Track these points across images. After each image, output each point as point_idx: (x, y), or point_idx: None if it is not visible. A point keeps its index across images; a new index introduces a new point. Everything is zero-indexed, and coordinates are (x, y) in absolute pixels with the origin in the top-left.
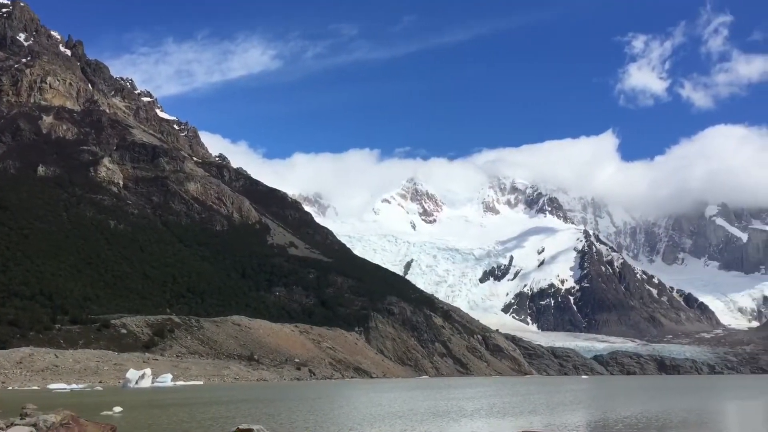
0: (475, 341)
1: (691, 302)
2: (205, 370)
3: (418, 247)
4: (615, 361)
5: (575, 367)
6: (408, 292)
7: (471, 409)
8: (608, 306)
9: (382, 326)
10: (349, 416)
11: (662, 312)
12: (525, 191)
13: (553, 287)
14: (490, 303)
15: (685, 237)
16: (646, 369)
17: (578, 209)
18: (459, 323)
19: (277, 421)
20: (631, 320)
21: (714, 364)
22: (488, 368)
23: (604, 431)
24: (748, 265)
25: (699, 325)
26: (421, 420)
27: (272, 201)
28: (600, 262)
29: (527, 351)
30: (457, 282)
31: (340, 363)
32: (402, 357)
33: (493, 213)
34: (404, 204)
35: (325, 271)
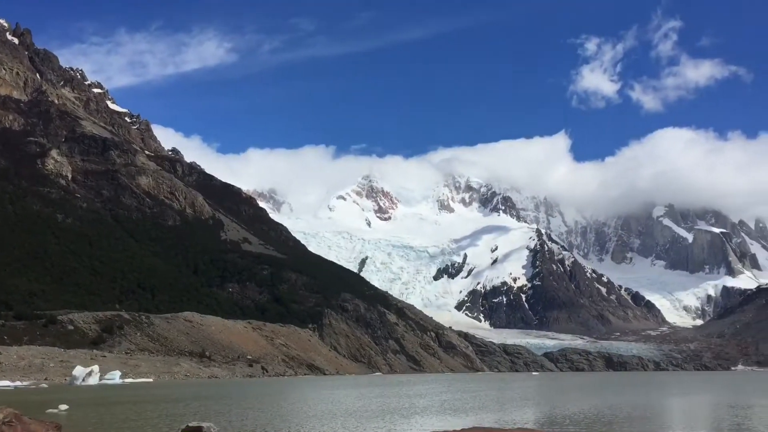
0: (428, 338)
1: (639, 301)
2: (155, 367)
3: (373, 245)
4: (565, 358)
5: (526, 364)
6: (362, 289)
7: (422, 406)
8: (559, 304)
9: (335, 323)
10: (301, 414)
11: (611, 310)
12: (479, 190)
13: (505, 285)
14: (444, 300)
15: (633, 237)
16: (595, 366)
17: (531, 208)
18: (413, 320)
19: (227, 419)
20: (581, 318)
21: (659, 361)
22: (441, 365)
23: (553, 427)
24: (693, 264)
25: (646, 323)
26: (372, 417)
27: (226, 196)
28: (551, 261)
29: (479, 348)
30: (411, 279)
31: (294, 360)
32: (355, 354)
33: (448, 211)
34: (359, 201)
35: (279, 267)
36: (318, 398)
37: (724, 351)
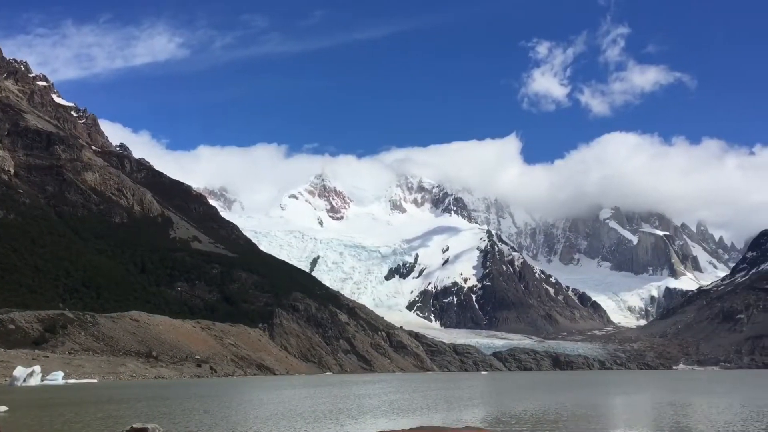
0: (379, 338)
1: (585, 301)
2: (100, 367)
3: (324, 244)
4: (513, 357)
5: (475, 364)
6: (314, 288)
7: (371, 406)
8: (508, 304)
9: (286, 323)
10: (248, 415)
11: (558, 310)
12: (431, 191)
13: (456, 285)
14: (395, 300)
15: (580, 238)
16: (542, 365)
17: (482, 209)
18: (364, 320)
19: (172, 420)
20: (529, 318)
21: (604, 360)
22: (391, 365)
23: (500, 426)
24: (638, 266)
25: (592, 323)
26: (320, 418)
27: (176, 194)
28: (501, 262)
29: (430, 348)
30: (363, 279)
31: (243, 360)
32: (306, 354)
33: (400, 211)
34: (312, 200)
35: (230, 266)
36: (266, 399)
37: (666, 350)
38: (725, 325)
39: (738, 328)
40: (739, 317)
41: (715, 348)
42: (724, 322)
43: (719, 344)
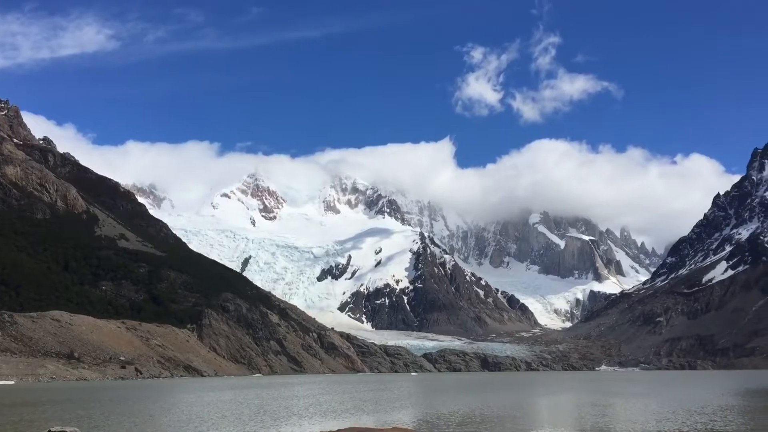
0: (310, 339)
1: (514, 303)
2: (18, 368)
3: (256, 244)
4: (443, 358)
5: (406, 365)
6: (245, 288)
7: (300, 408)
8: (439, 306)
9: (216, 323)
10: (171, 418)
11: (487, 312)
12: (365, 192)
13: (388, 287)
14: (327, 302)
15: (510, 242)
16: (471, 366)
17: (415, 212)
18: (295, 321)
19: (92, 423)
20: (460, 320)
21: (531, 362)
22: (322, 366)
23: (428, 426)
24: (564, 270)
25: (520, 325)
26: (246, 420)
27: (102, 190)
28: (433, 264)
29: (361, 349)
30: (295, 280)
31: (170, 361)
32: (236, 355)
33: (334, 212)
34: (244, 199)
35: (158, 265)
36: (191, 401)
37: (589, 352)
38: (645, 328)
39: (657, 330)
40: (659, 320)
41: (635, 350)
42: (645, 324)
43: (639, 346)
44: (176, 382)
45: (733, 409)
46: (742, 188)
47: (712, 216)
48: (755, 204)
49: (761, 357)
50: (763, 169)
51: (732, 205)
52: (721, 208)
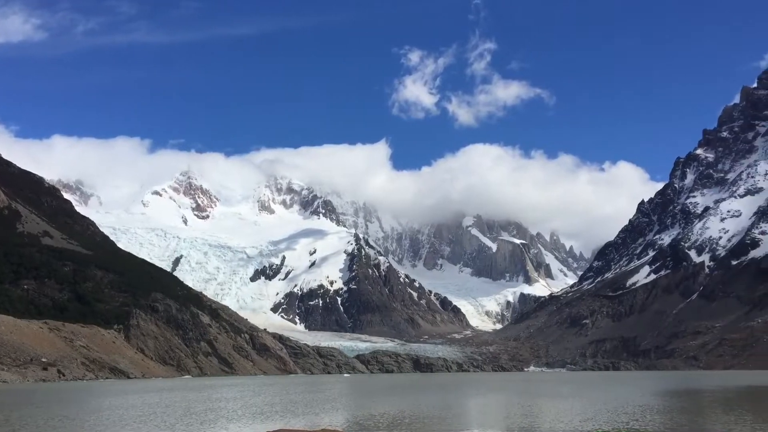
0: (242, 340)
1: (446, 305)
2: None
3: (188, 243)
4: (376, 360)
5: (338, 366)
6: (175, 288)
7: (229, 410)
8: (373, 307)
9: (144, 324)
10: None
11: (421, 314)
12: (301, 193)
13: (322, 288)
14: (260, 302)
15: (444, 244)
16: (403, 367)
17: (350, 213)
18: (227, 322)
19: (10, 428)
20: (393, 321)
21: (462, 363)
22: (254, 367)
23: (358, 428)
24: (496, 272)
25: (452, 327)
26: (173, 423)
27: (25, 185)
28: (368, 266)
29: (293, 350)
30: (227, 280)
31: (95, 363)
32: (164, 356)
33: (268, 212)
34: (176, 198)
35: (84, 264)
36: (115, 404)
37: (519, 353)
38: (572, 330)
39: (583, 332)
40: (585, 322)
41: (562, 351)
42: (572, 326)
43: (566, 347)
44: (101, 385)
45: (652, 408)
46: (665, 195)
47: (637, 222)
48: (677, 211)
49: (681, 358)
50: (685, 178)
51: (655, 211)
52: (645, 215)
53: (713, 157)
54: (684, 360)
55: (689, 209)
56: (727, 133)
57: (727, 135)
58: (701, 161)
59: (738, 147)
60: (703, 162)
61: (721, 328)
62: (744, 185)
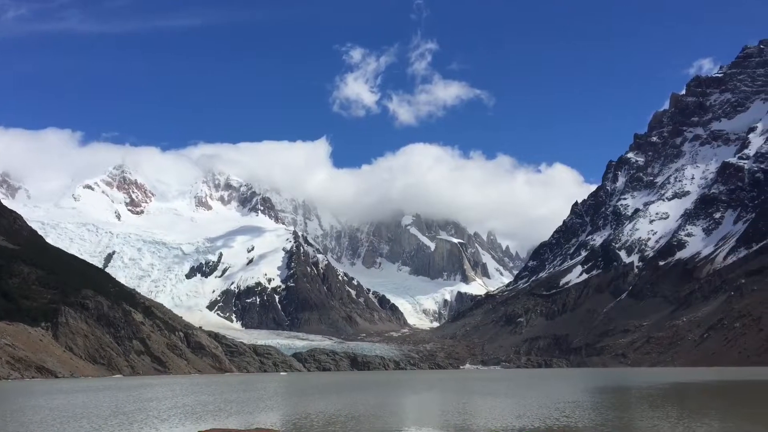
0: (176, 338)
1: (384, 304)
2: None
3: (121, 239)
4: (313, 358)
5: (275, 365)
6: (107, 285)
7: (160, 410)
8: (311, 305)
9: (74, 322)
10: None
11: (359, 312)
12: (239, 189)
13: (259, 286)
14: (196, 300)
15: (383, 243)
16: (341, 365)
17: (290, 211)
18: (161, 320)
19: None
20: (331, 319)
21: (399, 361)
22: (188, 366)
23: (293, 427)
24: (434, 271)
25: (390, 325)
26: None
27: None
28: (306, 263)
29: (230, 349)
30: (162, 277)
31: (20, 362)
32: (94, 355)
33: (206, 208)
34: (109, 192)
35: (10, 259)
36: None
37: (455, 351)
38: (507, 328)
39: (518, 330)
40: (519, 320)
41: (497, 349)
42: (507, 325)
43: (501, 345)
44: (26, 384)
45: (583, 405)
46: (598, 197)
47: (570, 223)
48: (608, 212)
49: (610, 356)
50: (617, 180)
51: (588, 213)
52: (578, 216)
53: (643, 160)
54: (613, 357)
55: (620, 211)
56: (656, 138)
57: (656, 140)
58: (632, 165)
59: (667, 152)
60: (634, 165)
61: (649, 326)
62: (672, 189)
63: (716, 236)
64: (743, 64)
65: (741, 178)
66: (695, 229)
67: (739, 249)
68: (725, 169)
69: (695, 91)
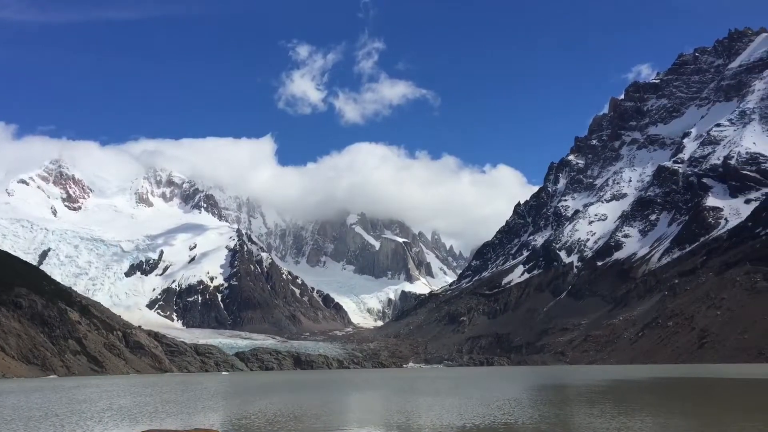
0: (114, 338)
1: (329, 302)
2: None
3: (57, 235)
4: (255, 357)
5: (217, 364)
6: (41, 283)
7: (95, 411)
8: (254, 304)
9: (6, 321)
10: None
11: (302, 311)
12: (182, 186)
13: (202, 284)
14: (135, 299)
15: (328, 242)
16: (284, 364)
17: (234, 208)
18: (98, 319)
19: None
20: (274, 318)
21: (343, 359)
22: (127, 366)
23: (234, 427)
24: (378, 270)
25: (334, 324)
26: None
27: None
28: (250, 262)
29: (170, 348)
30: (100, 275)
31: None
32: (28, 355)
33: (147, 205)
34: (45, 187)
35: None
36: None
37: (398, 350)
38: (450, 327)
39: (461, 329)
40: (462, 319)
41: (440, 347)
42: (450, 323)
43: (444, 344)
44: None
45: (524, 402)
46: (540, 199)
47: (513, 223)
48: (549, 213)
49: (550, 354)
50: (558, 182)
51: (530, 213)
52: (520, 216)
53: (583, 163)
54: (552, 355)
55: (561, 212)
56: (596, 141)
57: (596, 143)
58: (573, 167)
59: (606, 155)
60: (575, 168)
61: (587, 325)
62: (610, 191)
63: (651, 237)
64: (679, 71)
65: (675, 181)
66: (632, 230)
67: (673, 250)
68: (660, 173)
69: (633, 96)
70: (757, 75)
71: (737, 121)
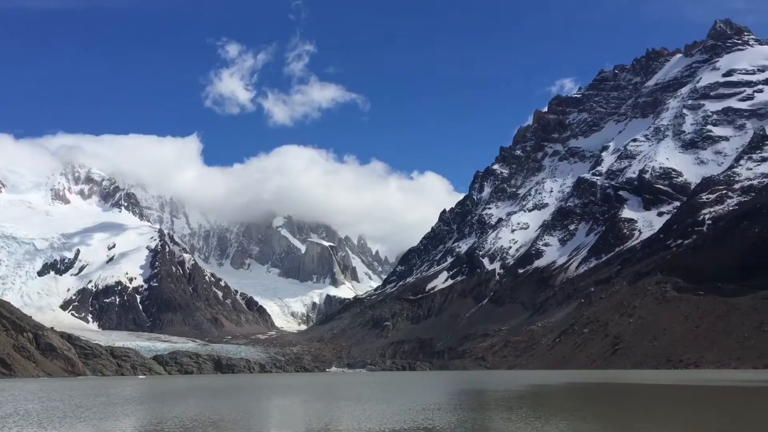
0: (24, 339)
1: (252, 305)
2: None
3: None
4: (174, 360)
5: (134, 367)
6: None
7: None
8: (175, 306)
9: None
10: None
11: (225, 314)
12: (101, 183)
13: (120, 285)
14: (48, 299)
15: (253, 244)
16: (204, 368)
17: (156, 208)
18: (7, 319)
19: None
20: (195, 321)
21: (265, 363)
22: (37, 369)
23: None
24: (304, 273)
25: (257, 327)
26: None
27: None
28: (171, 263)
29: (84, 350)
30: (10, 274)
31: None
32: None
33: (63, 202)
34: None
35: None
36: None
37: (322, 354)
38: (374, 331)
39: (384, 334)
40: (386, 324)
41: (363, 352)
42: (374, 328)
43: (368, 348)
44: None
45: (445, 407)
46: (465, 206)
47: (438, 229)
48: (474, 221)
49: (470, 359)
50: (482, 190)
51: (455, 220)
52: (446, 223)
53: (507, 172)
54: (473, 360)
55: (485, 220)
56: (520, 151)
57: (520, 153)
58: (497, 176)
59: (529, 165)
60: (499, 177)
61: (507, 330)
62: (532, 200)
63: (570, 246)
64: (599, 86)
65: (594, 193)
66: (552, 239)
67: (590, 259)
68: (580, 184)
69: (556, 109)
70: (671, 94)
71: (652, 137)
